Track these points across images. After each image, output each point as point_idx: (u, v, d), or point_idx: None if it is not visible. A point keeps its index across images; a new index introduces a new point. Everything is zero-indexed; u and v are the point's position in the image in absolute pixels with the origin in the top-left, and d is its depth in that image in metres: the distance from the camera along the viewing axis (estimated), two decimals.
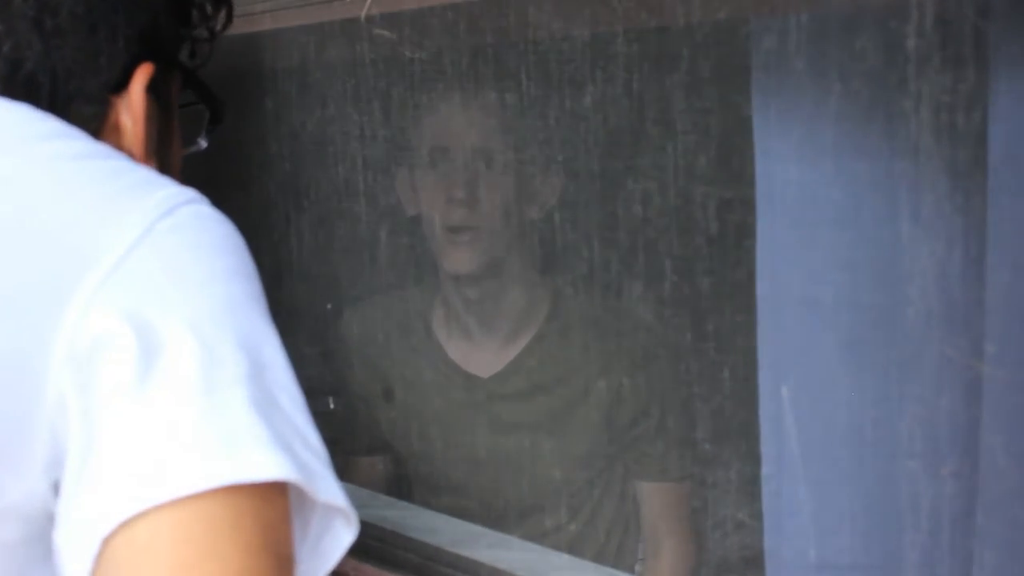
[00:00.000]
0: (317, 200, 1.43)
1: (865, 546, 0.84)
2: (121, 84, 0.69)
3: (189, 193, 0.60)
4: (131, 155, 0.69)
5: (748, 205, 0.87)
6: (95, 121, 0.68)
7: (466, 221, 1.32)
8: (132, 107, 0.69)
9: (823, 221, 0.82)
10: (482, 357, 1.41)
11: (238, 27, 1.21)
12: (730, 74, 0.91)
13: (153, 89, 0.71)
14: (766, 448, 0.86)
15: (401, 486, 1.46)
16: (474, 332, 1.41)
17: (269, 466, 0.53)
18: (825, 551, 0.84)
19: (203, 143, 0.83)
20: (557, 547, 1.21)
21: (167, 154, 0.75)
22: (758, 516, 0.90)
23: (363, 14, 1.06)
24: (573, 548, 1.32)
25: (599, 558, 1.36)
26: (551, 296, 1.40)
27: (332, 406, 1.54)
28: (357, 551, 1.15)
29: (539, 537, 1.27)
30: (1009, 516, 0.73)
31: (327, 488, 0.56)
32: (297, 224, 1.43)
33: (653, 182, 1.11)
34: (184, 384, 0.53)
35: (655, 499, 1.39)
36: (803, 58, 0.78)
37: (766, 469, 0.87)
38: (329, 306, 1.52)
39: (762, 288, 0.85)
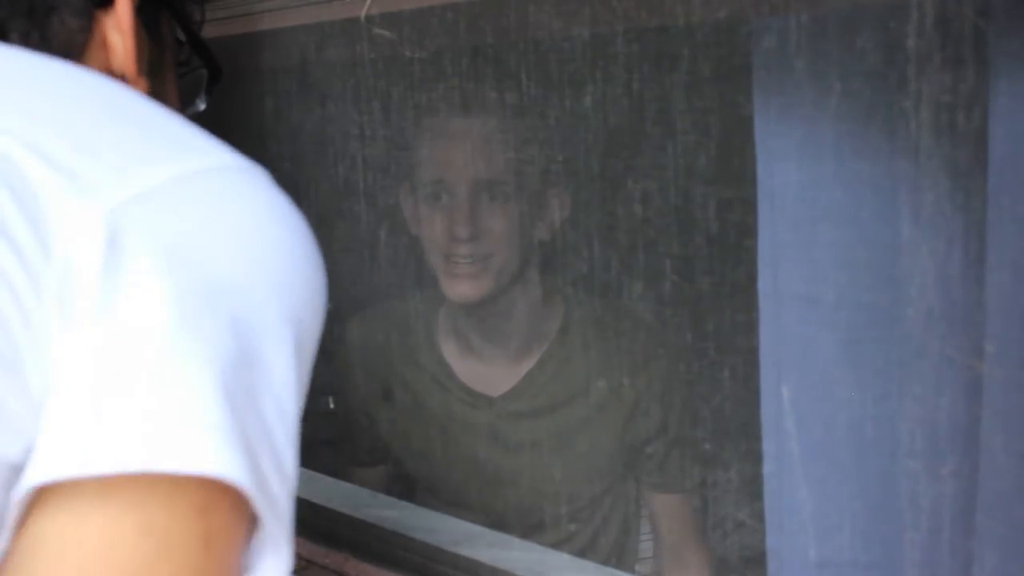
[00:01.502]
0: (316, 201, 1.42)
1: (866, 545, 0.84)
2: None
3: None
4: (122, 74, 0.68)
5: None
6: (81, 34, 0.67)
7: (469, 253, 1.28)
8: (120, 22, 0.68)
9: (824, 220, 0.82)
10: (491, 376, 1.37)
11: (238, 27, 1.21)
12: (732, 74, 0.92)
13: (142, 16, 0.70)
14: (767, 447, 0.86)
15: (404, 496, 1.45)
16: (482, 350, 1.38)
17: (213, 461, 0.46)
18: (826, 550, 0.84)
19: (201, 104, 0.81)
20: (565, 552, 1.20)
21: (161, 85, 0.73)
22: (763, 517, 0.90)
23: (363, 14, 1.06)
24: (581, 553, 1.31)
25: (604, 560, 1.35)
26: (561, 311, 1.36)
27: (332, 405, 1.53)
28: (357, 551, 1.15)
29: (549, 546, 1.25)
30: (1009, 516, 0.73)
31: (278, 515, 0.49)
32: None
33: (666, 190, 1.10)
34: (143, 340, 0.47)
35: (675, 510, 1.36)
36: (804, 58, 0.78)
37: (767, 468, 0.87)
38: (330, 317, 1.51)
39: (763, 287, 0.85)
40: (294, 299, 0.53)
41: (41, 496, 0.47)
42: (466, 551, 1.10)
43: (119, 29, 0.68)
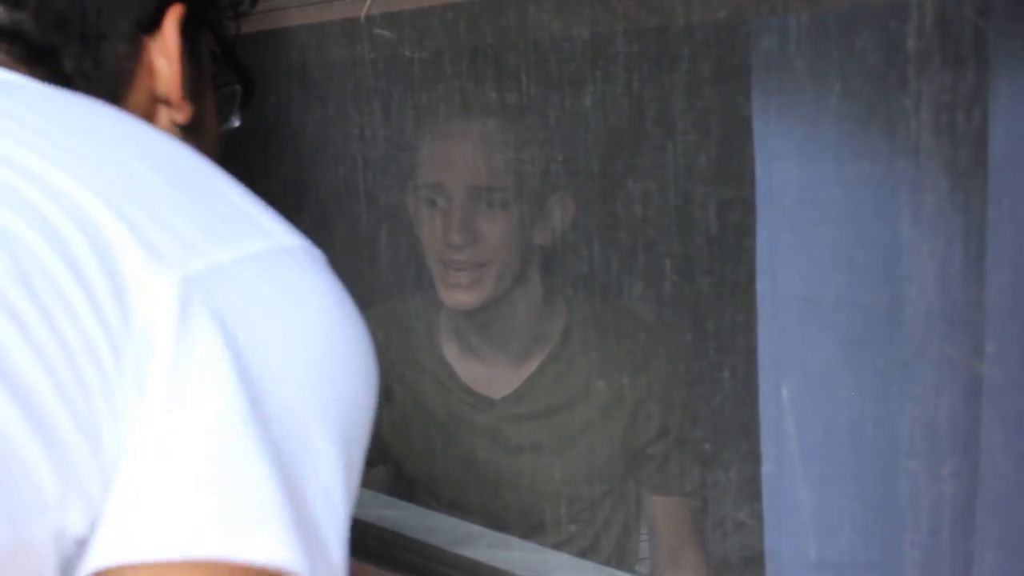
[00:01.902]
0: (316, 202, 1.42)
1: (866, 545, 0.84)
2: (153, 24, 0.69)
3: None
4: (167, 97, 0.69)
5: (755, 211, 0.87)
6: (130, 60, 0.68)
7: (465, 261, 1.27)
8: (166, 46, 0.68)
9: (824, 220, 0.82)
10: (493, 377, 1.37)
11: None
12: (732, 74, 0.92)
13: (184, 38, 0.70)
14: (766, 447, 0.86)
15: (405, 497, 1.45)
16: (484, 352, 1.37)
17: (276, 549, 0.47)
18: (825, 550, 0.84)
19: (236, 121, 0.81)
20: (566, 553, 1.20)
21: (202, 107, 0.73)
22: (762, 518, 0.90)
23: (363, 14, 1.06)
24: (582, 555, 1.31)
25: (605, 560, 1.35)
26: (563, 313, 1.35)
27: None
28: (357, 551, 1.15)
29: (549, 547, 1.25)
30: (1009, 516, 0.73)
31: None
32: (297, 225, 1.42)
33: (668, 191, 1.10)
34: (209, 426, 0.48)
35: (673, 513, 1.36)
36: (803, 58, 0.78)
37: (766, 468, 0.87)
38: None
39: (762, 287, 0.85)
40: (345, 393, 0.53)
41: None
42: (466, 551, 1.10)
43: (165, 54, 0.69)
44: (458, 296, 1.30)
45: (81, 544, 0.48)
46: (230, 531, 0.47)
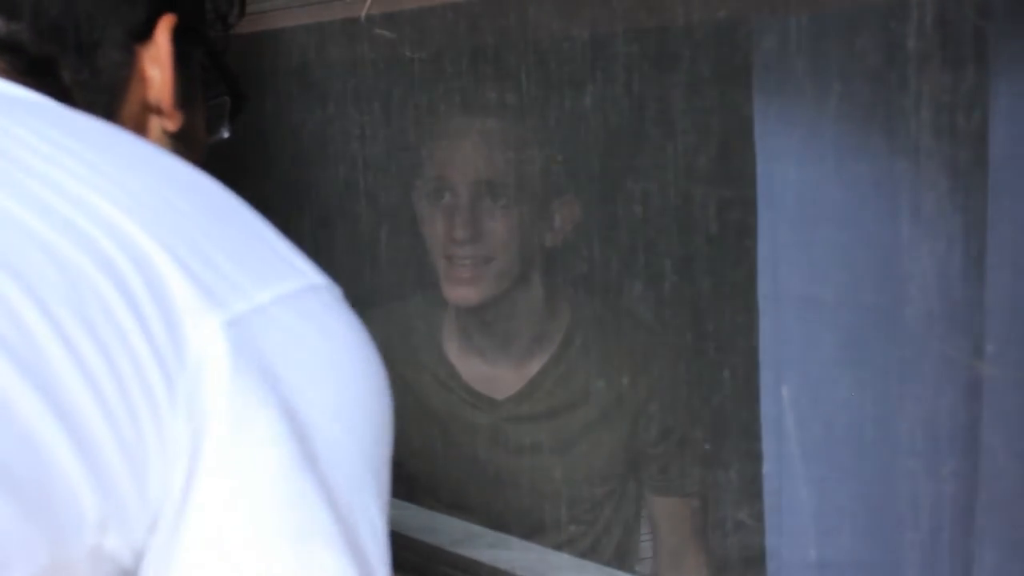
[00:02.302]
0: (317, 202, 1.42)
1: (866, 545, 0.84)
2: (145, 33, 0.69)
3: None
4: (159, 106, 0.69)
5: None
6: (124, 69, 0.68)
7: (468, 255, 1.27)
8: (159, 55, 0.69)
9: (825, 220, 0.82)
10: (496, 378, 1.36)
11: (238, 27, 1.21)
12: (733, 74, 0.92)
13: (175, 47, 0.71)
14: (767, 447, 0.86)
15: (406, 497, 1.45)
16: (487, 352, 1.36)
17: None
18: (825, 550, 0.84)
19: (225, 132, 0.82)
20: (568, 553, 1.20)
21: (192, 117, 0.74)
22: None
23: (363, 14, 1.06)
24: (584, 555, 1.31)
25: (606, 561, 1.35)
26: (567, 314, 1.35)
27: None
28: None
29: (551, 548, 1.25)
30: (1009, 516, 0.73)
31: None
32: (298, 226, 1.42)
33: (673, 192, 1.10)
34: (269, 476, 0.48)
35: (676, 514, 1.36)
36: (804, 58, 0.78)
37: (767, 468, 0.87)
38: None
39: (763, 287, 0.85)
40: (376, 424, 0.55)
41: None
42: (466, 551, 1.10)
43: (157, 62, 0.69)
44: (462, 291, 1.29)
45: (127, 574, 0.48)
46: (304, 570, 0.48)
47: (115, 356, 0.47)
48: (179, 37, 0.71)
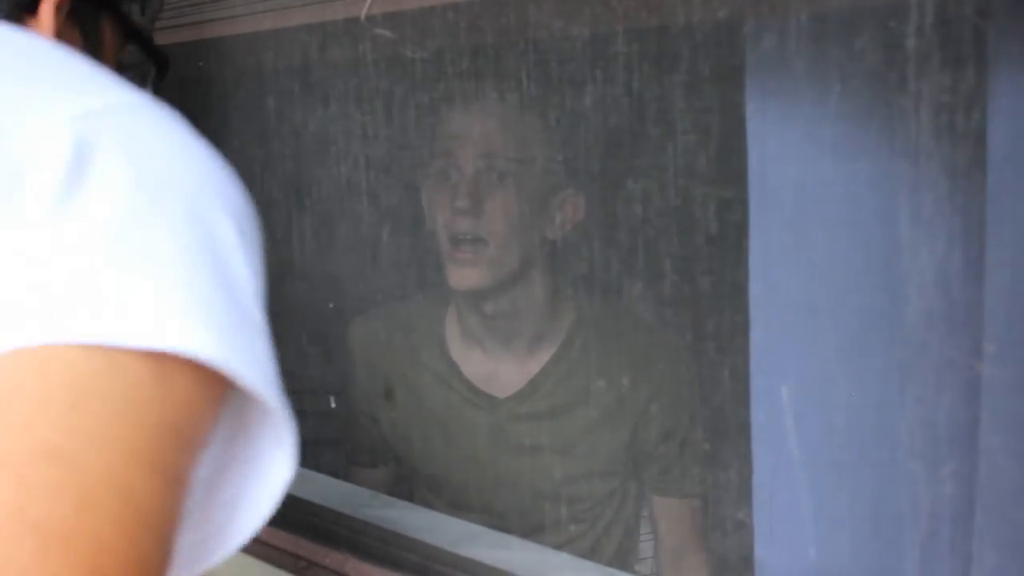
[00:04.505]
0: (318, 202, 1.42)
1: (863, 550, 0.84)
2: (31, 6, 0.71)
3: None
4: None
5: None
6: None
7: (470, 231, 1.28)
8: (40, 30, 0.71)
9: (823, 221, 0.82)
10: (498, 376, 1.37)
11: (238, 27, 1.21)
12: (732, 74, 0.91)
13: (79, 22, 0.73)
14: (758, 452, 0.86)
15: (407, 497, 1.45)
16: (490, 350, 1.37)
17: (177, 335, 0.46)
18: (823, 551, 0.84)
19: None
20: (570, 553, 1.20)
21: None
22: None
23: (363, 14, 1.06)
24: (584, 555, 1.31)
25: (606, 561, 1.35)
26: (571, 313, 1.36)
27: (334, 405, 1.53)
28: (357, 551, 1.15)
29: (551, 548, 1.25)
30: (1009, 516, 0.73)
31: (267, 381, 0.48)
32: (299, 226, 1.43)
33: (677, 191, 1.10)
34: (106, 213, 0.48)
35: (678, 514, 1.36)
36: (802, 58, 0.78)
37: (758, 475, 0.87)
38: (330, 315, 1.51)
39: (755, 290, 0.85)
40: (232, 197, 0.55)
41: None
42: (466, 551, 1.10)
43: (42, 33, 0.71)
44: (464, 273, 1.30)
45: None
46: (127, 315, 0.46)
47: None
48: (83, 11, 0.73)
